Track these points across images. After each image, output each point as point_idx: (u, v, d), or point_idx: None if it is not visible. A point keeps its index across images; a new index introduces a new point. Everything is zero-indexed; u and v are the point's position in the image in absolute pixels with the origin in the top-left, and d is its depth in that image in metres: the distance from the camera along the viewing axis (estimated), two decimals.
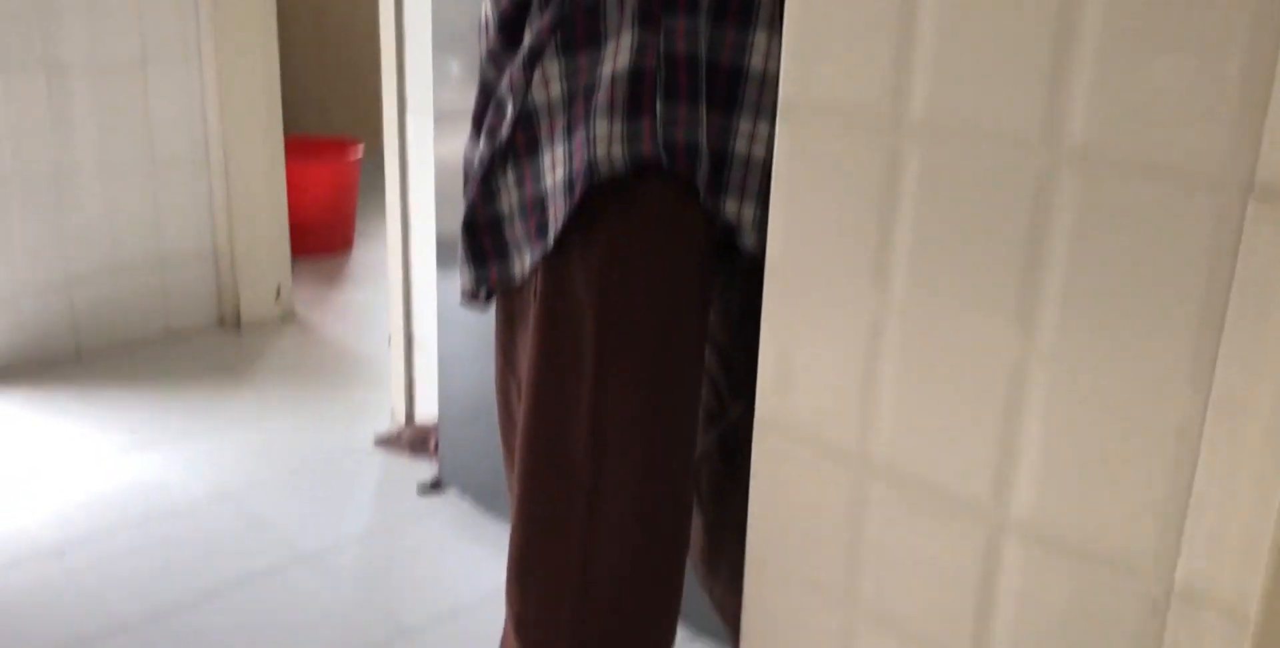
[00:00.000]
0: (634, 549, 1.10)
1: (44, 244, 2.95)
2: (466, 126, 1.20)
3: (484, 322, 2.26)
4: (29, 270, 2.93)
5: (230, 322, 3.29)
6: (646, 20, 1.03)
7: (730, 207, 1.08)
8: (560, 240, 1.07)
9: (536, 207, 1.10)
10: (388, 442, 2.60)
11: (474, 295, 1.20)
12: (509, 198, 1.13)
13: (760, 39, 1.05)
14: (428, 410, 2.61)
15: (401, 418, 2.69)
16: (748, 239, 1.09)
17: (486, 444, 2.31)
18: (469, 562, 2.12)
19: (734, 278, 1.16)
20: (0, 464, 2.42)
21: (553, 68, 1.07)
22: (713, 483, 1.24)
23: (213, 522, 2.24)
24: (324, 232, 4.01)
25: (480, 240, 1.16)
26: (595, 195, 1.05)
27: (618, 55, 1.03)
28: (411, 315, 2.65)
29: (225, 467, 2.45)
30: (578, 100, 1.06)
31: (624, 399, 1.09)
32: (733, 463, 1.12)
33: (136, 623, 1.90)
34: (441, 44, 2.22)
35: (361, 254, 4.06)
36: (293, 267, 3.41)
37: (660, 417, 1.10)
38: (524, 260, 1.12)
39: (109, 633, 1.88)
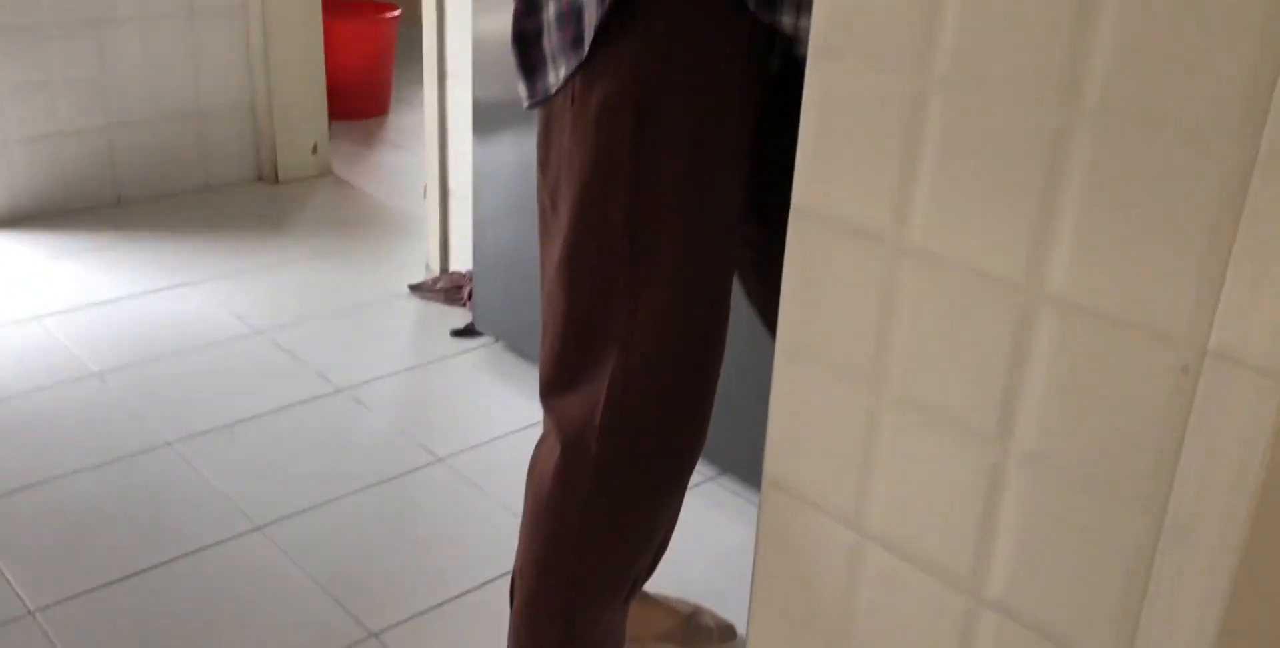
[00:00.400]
0: (671, 339, 1.11)
1: (84, 90, 2.94)
2: None
3: (520, 171, 2.26)
4: (70, 116, 2.94)
5: (268, 176, 3.30)
6: None
7: (787, 20, 1.06)
8: (594, 48, 1.06)
9: (573, 16, 1.09)
10: (422, 289, 2.62)
11: (532, 106, 1.20)
12: (548, 9, 1.12)
13: None
14: (462, 261, 2.63)
15: (436, 268, 2.71)
16: (804, 50, 1.06)
17: (520, 292, 2.33)
18: (500, 399, 2.16)
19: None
20: (43, 297, 2.47)
21: None
22: (778, 196, 1.21)
23: (249, 355, 2.28)
24: (360, 94, 3.98)
25: (529, 53, 1.15)
26: (628, 4, 1.03)
27: None
28: (447, 168, 2.65)
29: (262, 307, 2.48)
30: None
31: (660, 197, 1.09)
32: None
33: (175, 441, 1.96)
34: None
35: (398, 118, 4.04)
36: (329, 129, 3.41)
37: (697, 215, 1.10)
38: (559, 70, 1.11)
39: (148, 450, 1.93)
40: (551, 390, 1.17)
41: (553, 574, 1.18)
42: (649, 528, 1.20)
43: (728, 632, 1.54)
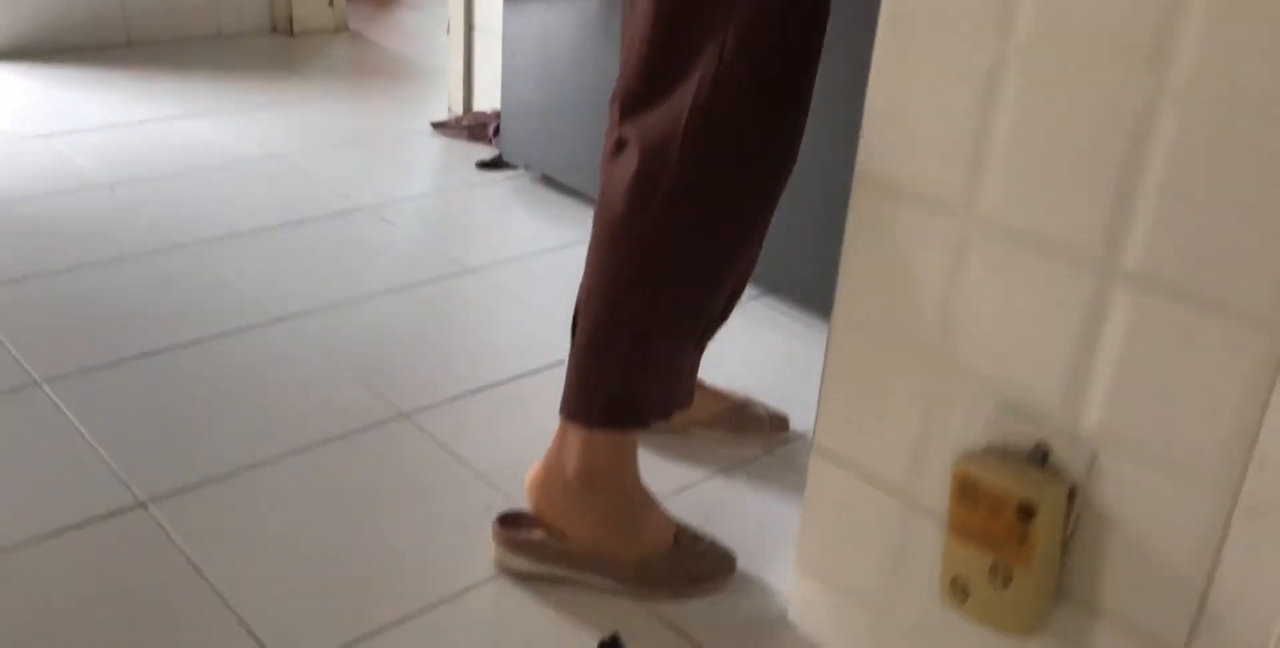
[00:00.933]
0: (768, 40, 0.99)
1: None
2: None
3: (550, 6, 2.13)
4: None
5: (282, 28, 3.16)
6: None
7: None
8: None
9: None
10: (446, 127, 2.50)
11: None
12: None
13: None
14: (486, 102, 2.50)
15: (459, 109, 2.58)
16: None
17: (551, 122, 2.20)
18: (532, 223, 2.05)
19: None
20: (48, 120, 2.35)
21: None
22: None
23: (267, 175, 2.17)
24: None
25: None
26: None
27: None
28: (474, 1, 2.51)
29: (278, 136, 2.37)
30: None
31: None
32: None
33: (191, 243, 1.85)
34: None
35: None
36: None
37: None
38: None
39: (162, 250, 1.83)
40: (636, 105, 1.05)
41: (622, 303, 1.07)
42: (727, 258, 1.09)
43: (780, 422, 1.45)
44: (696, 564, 1.17)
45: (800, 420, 1.46)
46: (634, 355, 1.08)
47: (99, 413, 1.40)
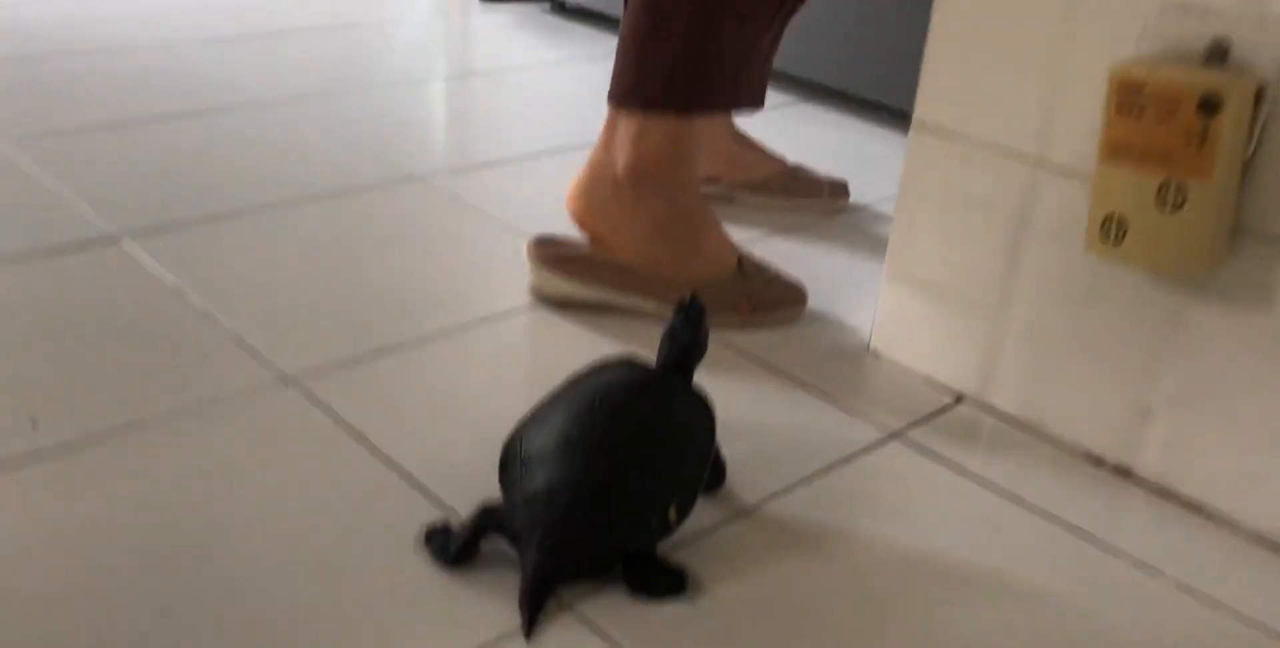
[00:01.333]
0: None
1: None
2: None
3: None
4: None
5: None
6: None
7: None
8: None
9: None
10: None
11: None
12: None
13: None
14: None
15: None
16: None
17: None
18: (539, 43, 1.87)
19: None
20: None
21: None
22: None
23: (250, 2, 1.98)
24: None
25: None
26: None
27: None
28: None
29: None
30: None
31: None
32: None
33: (172, 44, 1.67)
34: None
35: None
36: None
37: None
38: None
39: (132, 50, 1.65)
40: None
41: None
42: None
43: (839, 188, 1.28)
44: (765, 290, 1.00)
45: (859, 195, 1.30)
46: (699, 23, 0.91)
47: (61, 163, 1.22)
